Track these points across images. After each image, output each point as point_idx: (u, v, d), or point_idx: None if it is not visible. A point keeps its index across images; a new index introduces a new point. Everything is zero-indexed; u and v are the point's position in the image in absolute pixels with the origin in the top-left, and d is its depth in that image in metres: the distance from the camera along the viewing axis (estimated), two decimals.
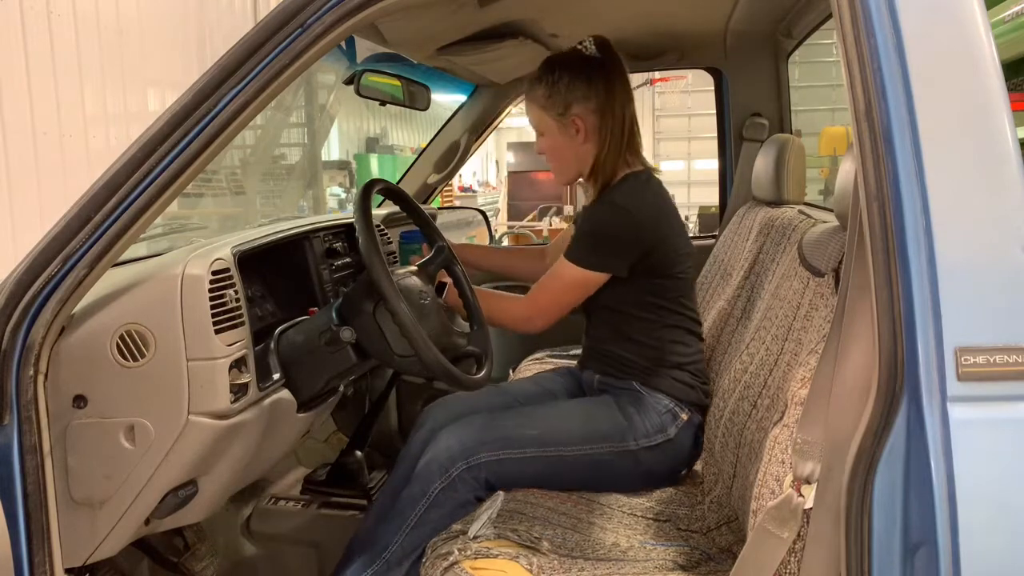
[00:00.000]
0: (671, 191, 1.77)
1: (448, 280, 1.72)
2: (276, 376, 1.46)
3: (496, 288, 2.12)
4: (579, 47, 1.70)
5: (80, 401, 1.20)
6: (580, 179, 1.79)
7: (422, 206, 1.91)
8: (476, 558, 1.29)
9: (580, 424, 1.60)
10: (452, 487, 1.49)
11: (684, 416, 1.64)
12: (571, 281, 1.64)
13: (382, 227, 2.09)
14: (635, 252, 1.63)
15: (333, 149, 12.76)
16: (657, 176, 1.74)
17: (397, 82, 2.23)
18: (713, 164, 2.65)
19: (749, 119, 2.37)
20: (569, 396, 1.84)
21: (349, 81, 2.12)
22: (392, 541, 1.50)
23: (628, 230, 1.62)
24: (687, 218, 8.76)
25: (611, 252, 1.63)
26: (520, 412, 1.65)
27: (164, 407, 1.23)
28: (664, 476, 1.64)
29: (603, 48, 1.70)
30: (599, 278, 1.64)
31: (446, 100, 4.55)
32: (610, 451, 1.58)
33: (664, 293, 1.68)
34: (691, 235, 2.20)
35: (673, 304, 1.69)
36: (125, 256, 1.17)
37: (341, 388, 1.69)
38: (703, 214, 9.12)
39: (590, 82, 1.67)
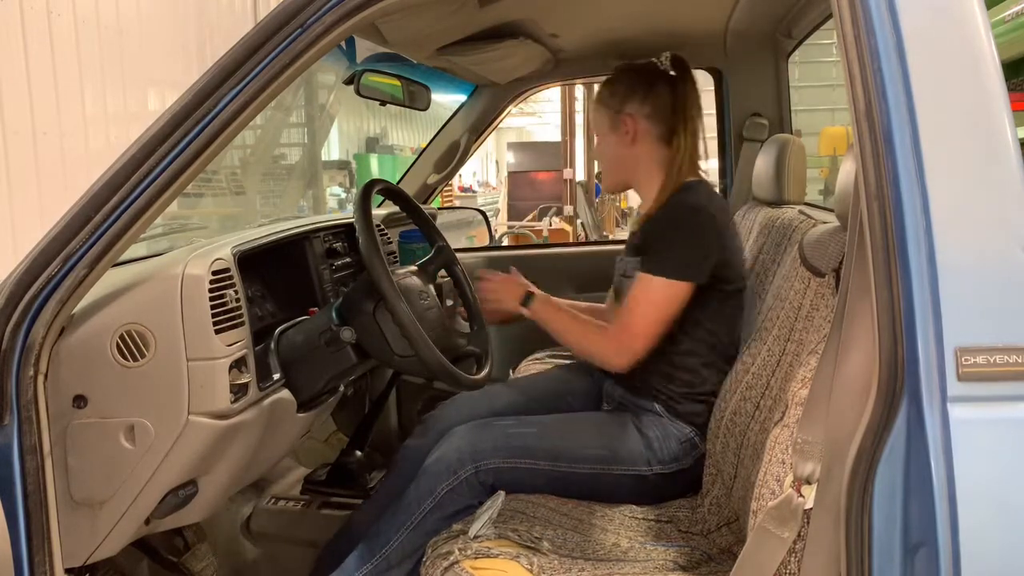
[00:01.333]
0: None
1: (449, 279, 1.72)
2: (276, 376, 1.46)
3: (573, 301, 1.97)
4: (654, 60, 1.71)
5: (80, 401, 1.20)
6: (630, 188, 1.77)
7: (422, 206, 1.91)
8: (476, 558, 1.29)
9: (597, 443, 1.55)
10: (458, 489, 1.47)
11: (702, 447, 1.58)
12: (660, 296, 1.53)
13: (382, 227, 2.09)
14: (715, 255, 1.55)
15: (333, 149, 12.78)
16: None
17: (397, 82, 2.22)
18: (713, 164, 2.64)
19: (749, 119, 2.37)
20: (586, 400, 1.79)
21: (349, 81, 2.12)
22: (393, 538, 1.48)
23: (708, 231, 1.55)
24: None
25: (695, 256, 1.54)
26: (536, 421, 1.61)
27: (164, 407, 1.23)
28: (672, 497, 1.60)
29: (677, 65, 1.70)
30: (687, 288, 1.53)
31: (446, 100, 4.56)
32: (623, 473, 1.54)
33: (719, 316, 1.61)
34: None
35: (723, 328, 1.62)
36: (125, 256, 1.17)
37: (341, 388, 1.69)
38: None
39: (651, 86, 1.67)
